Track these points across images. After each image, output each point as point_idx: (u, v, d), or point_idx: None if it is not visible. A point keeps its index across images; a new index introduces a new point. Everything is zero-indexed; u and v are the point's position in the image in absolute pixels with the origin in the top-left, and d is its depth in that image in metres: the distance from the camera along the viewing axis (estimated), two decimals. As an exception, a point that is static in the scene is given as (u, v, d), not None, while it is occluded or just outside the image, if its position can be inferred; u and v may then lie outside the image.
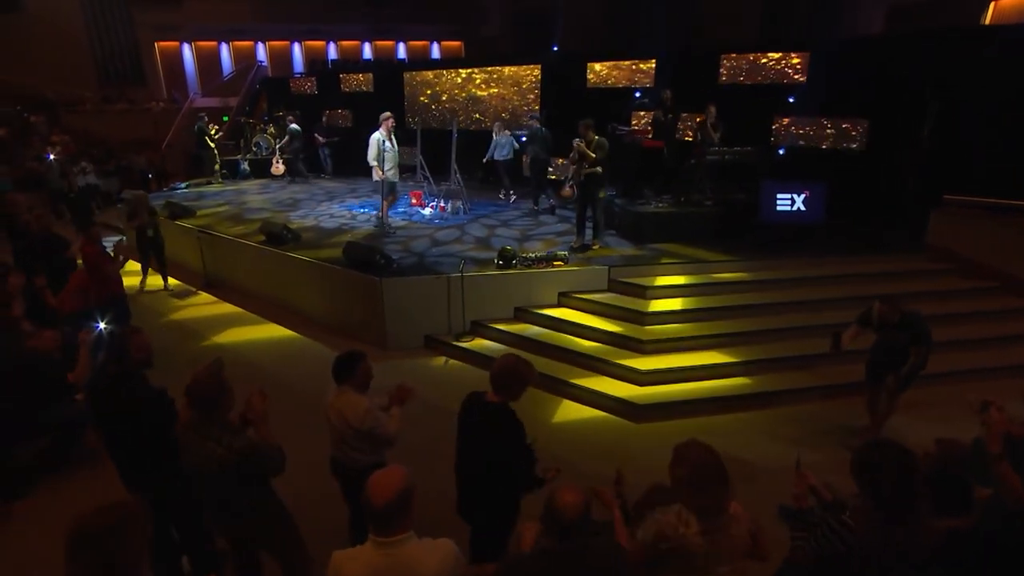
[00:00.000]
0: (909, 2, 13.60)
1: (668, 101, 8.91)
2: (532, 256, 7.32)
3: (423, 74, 14.73)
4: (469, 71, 13.92)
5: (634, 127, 10.18)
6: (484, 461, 3.04)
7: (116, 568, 1.84)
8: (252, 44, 24.08)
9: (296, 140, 13.74)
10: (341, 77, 16.03)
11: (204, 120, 14.31)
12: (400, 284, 6.96)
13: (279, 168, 13.87)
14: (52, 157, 14.10)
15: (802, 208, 7.54)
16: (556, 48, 15.68)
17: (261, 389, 2.99)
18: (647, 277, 7.12)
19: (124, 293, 6.72)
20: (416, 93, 14.69)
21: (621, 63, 11.58)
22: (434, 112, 14.03)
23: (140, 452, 3.25)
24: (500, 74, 13.33)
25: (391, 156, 8.61)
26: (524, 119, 11.39)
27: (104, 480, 4.51)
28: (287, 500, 3.19)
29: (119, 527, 1.87)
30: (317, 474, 3.68)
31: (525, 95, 12.91)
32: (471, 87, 13.82)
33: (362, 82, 15.70)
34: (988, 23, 12.21)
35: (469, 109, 13.67)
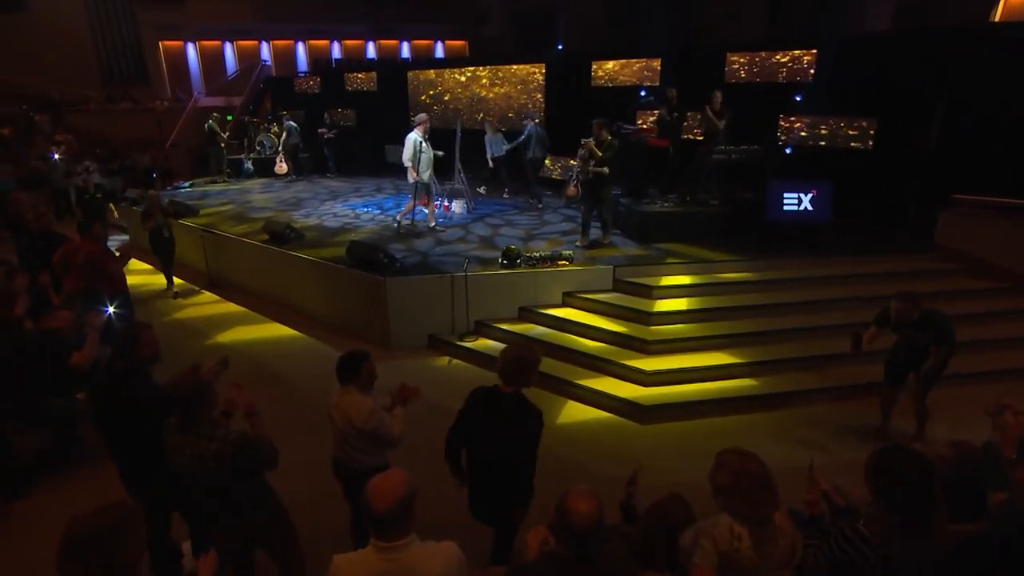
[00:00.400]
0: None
1: (673, 100, 8.86)
2: (537, 256, 7.28)
3: (427, 73, 14.71)
4: (473, 70, 13.90)
5: (641, 125, 10.12)
6: (506, 452, 3.05)
7: (114, 570, 1.81)
8: (256, 43, 24.08)
9: (293, 136, 13.78)
10: (345, 76, 16.02)
11: (216, 118, 14.36)
12: (404, 283, 6.92)
13: (283, 167, 13.94)
14: (56, 156, 14.16)
15: (809, 207, 7.48)
16: (560, 47, 15.61)
17: (235, 382, 3.00)
18: (652, 277, 7.06)
19: (128, 291, 6.69)
20: (420, 93, 14.66)
21: (634, 62, 11.53)
22: (437, 111, 13.99)
23: (140, 452, 3.21)
24: (504, 73, 13.30)
25: (426, 157, 8.54)
26: (522, 119, 11.48)
27: (104, 480, 4.50)
28: (288, 500, 3.16)
29: (116, 528, 1.85)
30: (319, 474, 3.64)
31: (530, 94, 12.87)
32: (475, 87, 13.79)
33: (366, 81, 15.68)
34: (998, 20, 12.09)
35: (473, 108, 13.63)
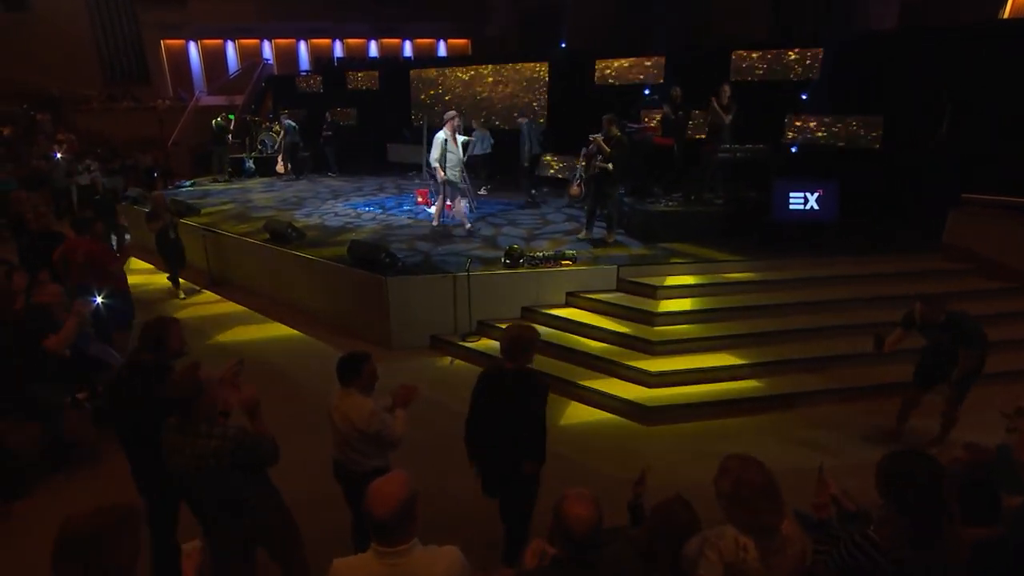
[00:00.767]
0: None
1: (678, 98, 8.79)
2: (540, 255, 7.21)
3: (429, 72, 14.66)
4: (476, 69, 13.84)
5: (646, 123, 10.05)
6: (516, 422, 3.29)
7: (107, 572, 1.78)
8: (258, 42, 23.99)
9: (291, 135, 13.76)
10: (347, 75, 15.96)
11: (223, 116, 14.39)
12: (405, 283, 6.86)
13: (287, 166, 13.89)
14: (59, 156, 14.12)
15: (815, 207, 7.41)
16: (564, 45, 15.53)
17: (233, 382, 2.99)
18: (656, 277, 6.99)
19: (128, 290, 6.66)
20: (422, 91, 14.60)
21: (638, 60, 11.46)
22: (440, 110, 13.92)
23: (148, 450, 3.13)
24: (507, 72, 13.23)
25: (454, 157, 8.34)
26: (516, 118, 11.41)
27: (104, 479, 4.52)
28: (288, 500, 3.12)
29: (110, 531, 1.82)
30: (320, 475, 3.58)
31: (534, 93, 12.80)
32: (478, 86, 13.73)
33: (368, 80, 15.62)
34: (1007, 17, 11.98)
35: (476, 107, 13.57)
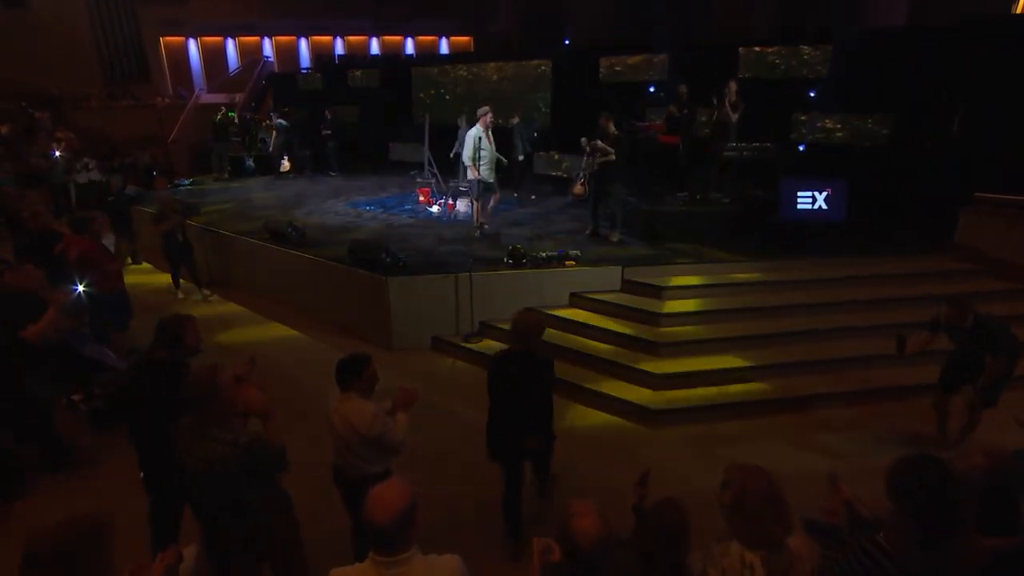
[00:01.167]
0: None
1: (683, 96, 8.69)
2: (543, 255, 7.12)
3: (431, 69, 14.56)
4: (479, 66, 13.74)
5: (653, 121, 9.95)
6: (530, 397, 3.69)
7: None
8: (258, 39, 23.91)
9: (282, 134, 13.69)
10: (348, 73, 15.86)
11: (224, 114, 14.32)
12: (407, 283, 6.78)
13: (285, 165, 13.82)
14: (58, 154, 14.01)
15: (824, 206, 7.30)
16: (568, 42, 15.43)
17: (257, 382, 2.96)
18: (662, 277, 6.87)
19: (125, 290, 6.59)
20: (424, 89, 14.50)
21: (643, 57, 11.37)
22: (441, 109, 13.82)
23: (158, 447, 3.12)
24: (510, 69, 13.13)
25: (488, 154, 8.06)
26: (511, 117, 11.19)
27: (104, 479, 4.52)
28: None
29: (77, 546, 1.79)
30: (319, 478, 3.49)
31: (537, 91, 12.70)
32: (480, 83, 13.62)
33: (369, 78, 15.52)
34: (1020, 12, 11.85)
35: (479, 105, 13.45)
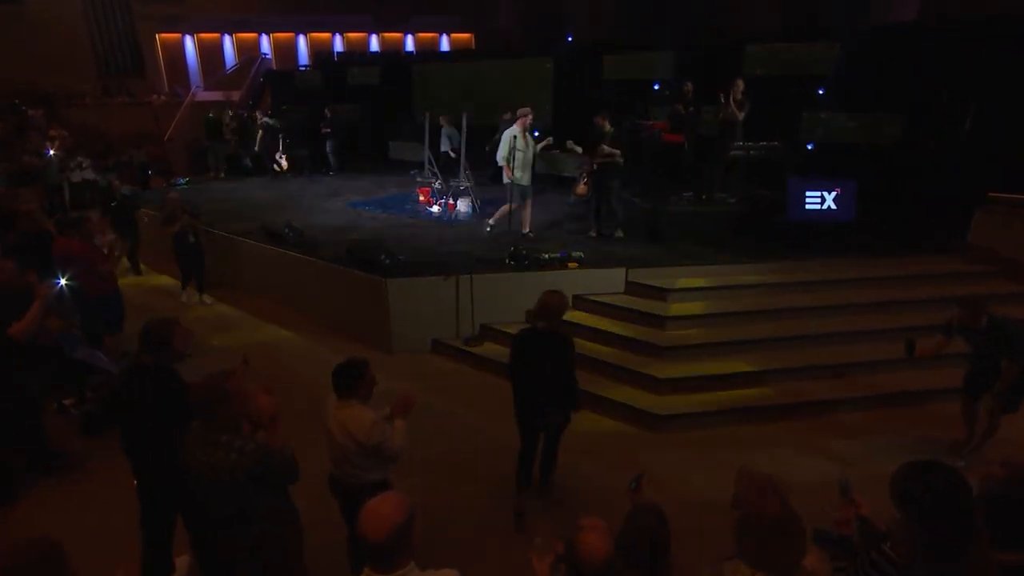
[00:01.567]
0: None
1: (688, 94, 8.59)
2: (545, 257, 7.00)
3: (431, 66, 14.46)
4: (480, 63, 13.63)
5: (655, 120, 9.83)
6: (550, 370, 3.95)
7: None
8: (256, 36, 23.76)
9: (268, 134, 13.64)
10: (347, 70, 15.74)
11: (221, 111, 14.21)
12: (406, 285, 6.66)
13: (284, 164, 13.73)
14: (51, 152, 13.84)
15: (833, 206, 7.19)
16: (570, 39, 15.33)
17: (265, 385, 2.94)
18: (666, 279, 6.74)
19: (119, 291, 6.48)
20: (424, 86, 14.36)
21: (647, 54, 11.28)
22: (442, 107, 13.70)
23: (159, 450, 3.08)
24: (512, 67, 13.01)
25: (524, 156, 7.63)
26: (507, 117, 11.01)
27: (96, 483, 4.48)
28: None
29: (27, 571, 1.73)
30: (316, 486, 3.38)
31: (539, 88, 12.57)
32: (481, 81, 13.49)
33: (369, 75, 15.39)
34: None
35: (480, 103, 13.35)
